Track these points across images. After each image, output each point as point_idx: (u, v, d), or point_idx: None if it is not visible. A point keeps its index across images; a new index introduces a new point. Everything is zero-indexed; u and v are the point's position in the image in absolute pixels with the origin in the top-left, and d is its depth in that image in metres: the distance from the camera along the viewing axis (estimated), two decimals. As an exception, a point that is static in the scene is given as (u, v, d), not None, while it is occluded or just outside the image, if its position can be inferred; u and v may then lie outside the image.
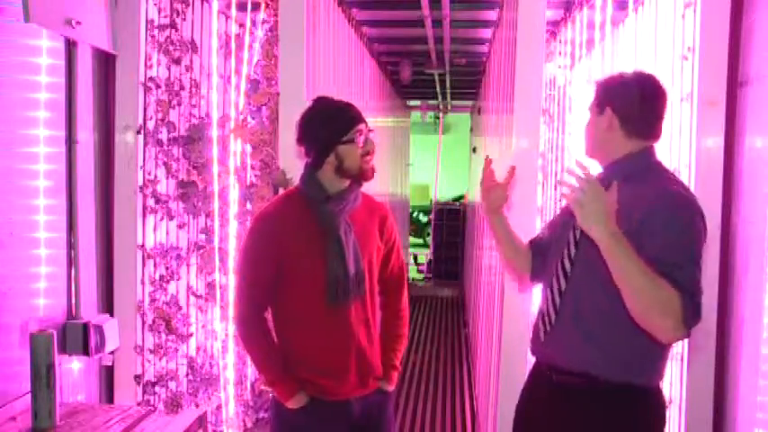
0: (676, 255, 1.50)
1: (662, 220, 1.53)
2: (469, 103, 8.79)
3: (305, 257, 1.89)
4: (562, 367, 1.70)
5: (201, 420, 2.58)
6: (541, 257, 1.93)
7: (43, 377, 2.16)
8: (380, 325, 2.11)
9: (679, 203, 1.57)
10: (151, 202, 2.83)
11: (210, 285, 2.88)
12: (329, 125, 1.88)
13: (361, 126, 1.91)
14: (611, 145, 1.70)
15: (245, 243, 1.96)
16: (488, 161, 1.99)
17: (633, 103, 1.67)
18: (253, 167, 2.80)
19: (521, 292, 2.58)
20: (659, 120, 1.70)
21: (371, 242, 2.00)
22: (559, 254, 1.76)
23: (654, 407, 1.68)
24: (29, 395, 2.21)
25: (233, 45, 2.85)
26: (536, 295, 2.47)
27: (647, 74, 1.74)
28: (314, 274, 1.89)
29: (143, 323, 2.83)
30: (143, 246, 2.82)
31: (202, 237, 2.89)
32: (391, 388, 2.07)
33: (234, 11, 2.94)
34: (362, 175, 1.92)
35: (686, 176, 2.20)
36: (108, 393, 2.86)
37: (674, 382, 2.25)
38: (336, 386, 1.93)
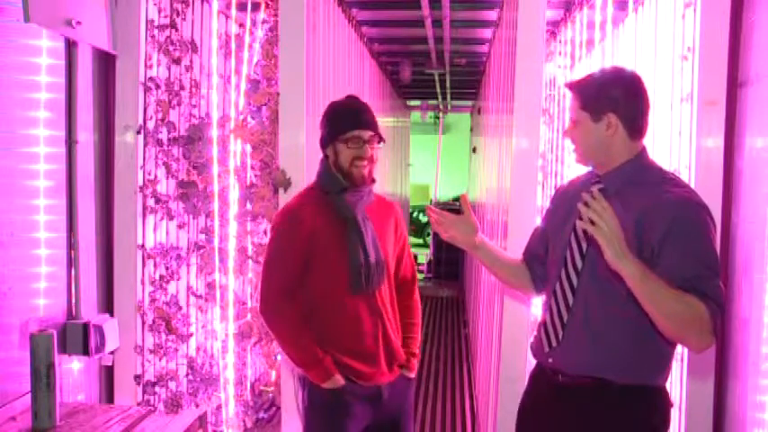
0: (700, 266, 1.49)
1: (684, 233, 1.51)
2: (469, 103, 8.79)
3: (330, 247, 1.98)
4: (571, 373, 1.69)
5: (201, 420, 2.58)
6: (540, 265, 1.90)
7: (43, 377, 2.16)
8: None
9: (696, 212, 1.54)
10: (151, 202, 2.83)
11: (210, 285, 2.88)
12: (333, 120, 2.02)
13: (361, 132, 1.98)
14: (614, 150, 1.65)
15: (272, 237, 2.05)
16: (465, 197, 1.98)
17: (636, 106, 1.64)
18: (253, 167, 2.80)
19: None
20: (648, 116, 1.68)
21: (388, 237, 2.10)
22: (562, 264, 1.72)
23: (662, 406, 1.68)
24: (29, 395, 2.21)
25: (233, 45, 2.85)
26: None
27: (629, 70, 1.71)
28: (339, 263, 1.97)
29: (143, 323, 2.82)
30: (143, 246, 2.82)
31: (202, 237, 2.89)
32: (413, 375, 2.14)
33: (234, 11, 2.94)
34: (349, 176, 1.99)
35: (686, 176, 2.19)
36: (108, 393, 2.86)
37: (674, 382, 2.25)
38: (369, 370, 2.00)
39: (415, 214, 14.08)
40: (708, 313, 1.44)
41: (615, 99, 1.62)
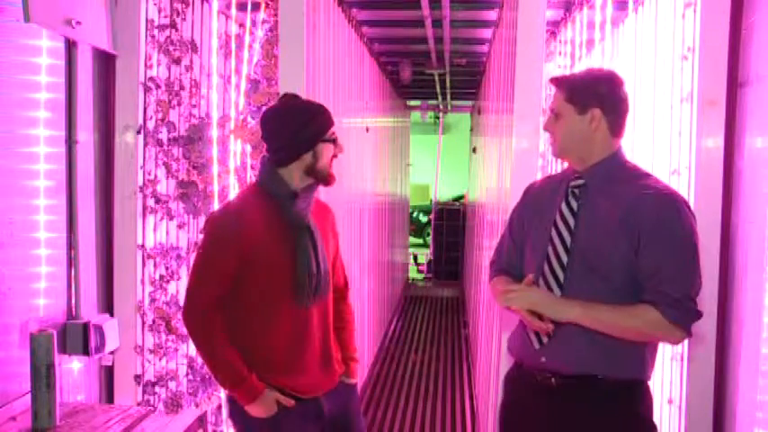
0: (672, 265, 1.59)
1: (663, 236, 1.59)
2: (469, 103, 8.80)
3: (271, 255, 1.86)
4: (564, 372, 1.69)
5: (201, 420, 2.58)
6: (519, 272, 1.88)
7: (43, 377, 2.16)
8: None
9: (677, 211, 1.61)
10: (151, 202, 2.83)
11: (210, 285, 2.88)
12: (315, 121, 1.88)
13: (334, 128, 1.94)
14: (595, 145, 1.69)
15: (204, 239, 1.91)
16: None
17: (620, 102, 1.69)
18: (253, 167, 2.80)
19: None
20: (626, 117, 1.73)
21: (329, 243, 2.01)
22: (543, 259, 1.71)
23: (648, 399, 1.72)
24: (29, 395, 2.21)
25: (233, 45, 2.85)
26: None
27: (613, 72, 1.76)
28: (280, 272, 1.86)
29: (143, 323, 2.83)
30: (143, 246, 2.82)
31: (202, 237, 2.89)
32: (354, 380, 2.07)
33: (234, 11, 2.94)
34: (328, 177, 1.91)
35: (686, 176, 2.20)
36: (108, 393, 2.86)
37: (674, 382, 2.25)
38: (306, 382, 1.90)
39: (415, 214, 14.08)
40: (660, 316, 1.57)
41: (602, 95, 1.68)
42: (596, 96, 1.67)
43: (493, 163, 4.14)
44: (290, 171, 1.88)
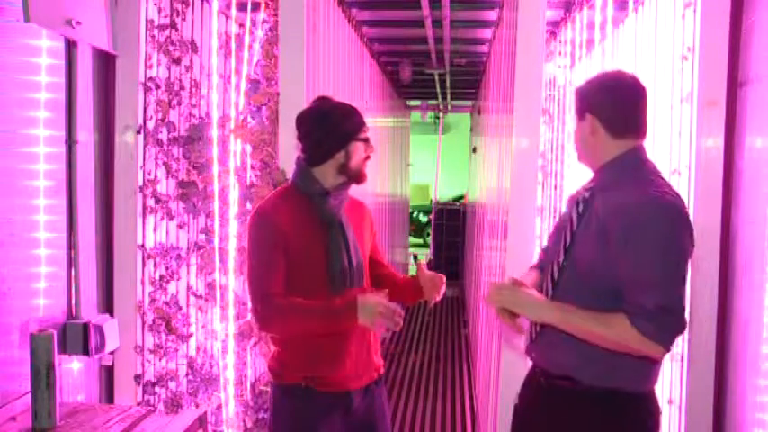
0: (646, 274, 1.51)
1: (633, 241, 1.52)
2: (469, 103, 8.80)
3: (307, 250, 1.93)
4: (548, 370, 1.72)
5: (201, 420, 2.58)
6: None
7: (43, 377, 2.16)
8: (388, 280, 2.15)
9: (654, 216, 1.52)
10: (151, 202, 2.83)
11: (210, 285, 2.88)
12: (347, 121, 1.94)
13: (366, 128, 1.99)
14: (599, 149, 1.70)
15: (252, 237, 1.94)
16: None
17: (611, 104, 1.67)
18: (253, 167, 2.80)
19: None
20: (641, 116, 1.67)
21: (365, 237, 2.08)
22: (554, 258, 1.76)
23: (642, 413, 1.64)
24: (29, 395, 2.21)
25: (233, 45, 2.85)
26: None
27: (623, 72, 1.75)
28: (315, 267, 1.93)
29: (143, 323, 2.82)
30: (143, 246, 2.82)
31: (202, 237, 2.89)
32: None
33: (234, 11, 2.94)
34: (361, 176, 1.98)
35: (686, 176, 2.20)
36: (108, 393, 2.86)
37: (674, 382, 2.25)
38: (333, 373, 1.93)
39: (415, 214, 14.08)
40: (631, 327, 1.49)
41: (593, 100, 1.69)
42: (588, 103, 1.70)
43: (493, 163, 4.14)
44: (324, 170, 1.95)
